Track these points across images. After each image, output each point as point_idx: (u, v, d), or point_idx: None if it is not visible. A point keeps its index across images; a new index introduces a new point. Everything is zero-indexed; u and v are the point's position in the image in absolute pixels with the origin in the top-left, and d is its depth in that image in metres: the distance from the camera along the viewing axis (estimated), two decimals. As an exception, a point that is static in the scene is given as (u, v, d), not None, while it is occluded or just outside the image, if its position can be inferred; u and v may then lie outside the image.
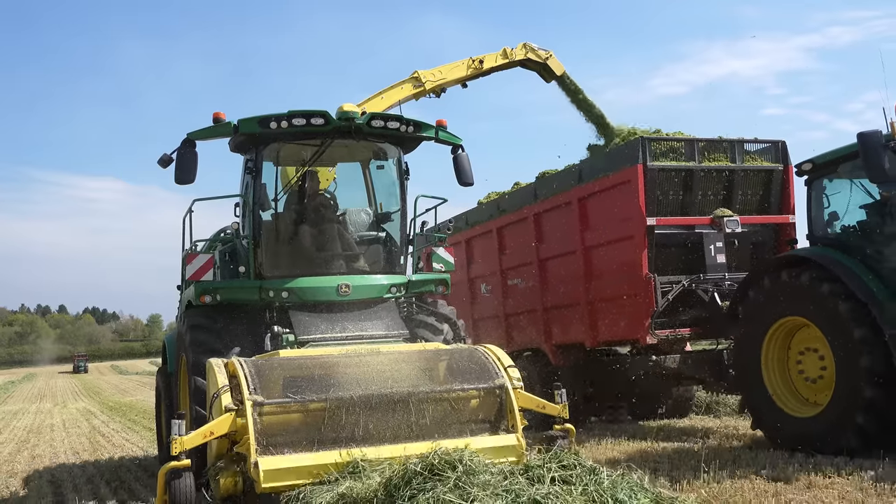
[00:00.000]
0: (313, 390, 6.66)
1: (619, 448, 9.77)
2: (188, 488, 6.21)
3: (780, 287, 8.69)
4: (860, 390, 7.76)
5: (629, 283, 10.57)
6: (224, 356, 7.50)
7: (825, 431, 8.12)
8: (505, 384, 7.08)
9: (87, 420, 22.09)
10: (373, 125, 8.58)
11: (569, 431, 7.34)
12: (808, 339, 8.65)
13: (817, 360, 8.56)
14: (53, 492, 9.85)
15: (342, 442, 6.46)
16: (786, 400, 8.80)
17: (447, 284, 9.39)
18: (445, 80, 12.76)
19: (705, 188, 10.79)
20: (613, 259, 10.95)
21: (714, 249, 10.68)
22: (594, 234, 11.28)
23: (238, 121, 8.42)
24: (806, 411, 8.60)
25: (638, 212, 10.33)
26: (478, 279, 14.36)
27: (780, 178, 11.10)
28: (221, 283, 8.74)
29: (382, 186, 9.76)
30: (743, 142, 11.01)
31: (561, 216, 11.89)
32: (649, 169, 10.37)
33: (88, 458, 13.15)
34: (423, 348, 7.79)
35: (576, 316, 11.73)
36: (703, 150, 10.79)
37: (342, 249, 9.01)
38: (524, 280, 12.98)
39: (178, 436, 6.26)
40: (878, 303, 7.83)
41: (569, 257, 11.78)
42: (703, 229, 10.67)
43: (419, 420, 6.71)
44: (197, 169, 8.33)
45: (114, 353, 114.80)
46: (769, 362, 8.94)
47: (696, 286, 10.49)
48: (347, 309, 8.52)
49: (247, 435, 6.28)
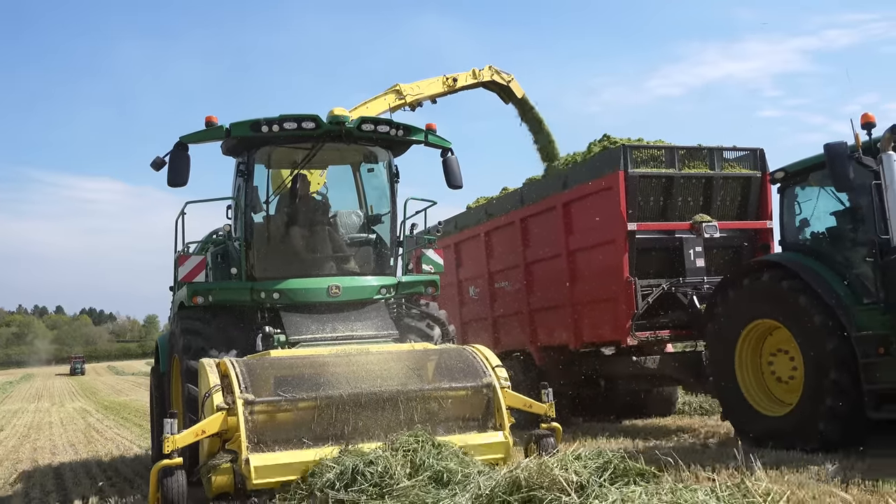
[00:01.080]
0: (303, 389, 6.75)
1: (597, 445, 10.00)
2: (180, 486, 6.27)
3: (754, 291, 8.96)
4: (827, 391, 8.02)
5: (611, 286, 10.83)
6: (217, 357, 7.56)
7: (794, 429, 8.38)
8: (493, 383, 7.22)
9: (83, 418, 22.79)
10: (363, 129, 8.68)
11: (555, 430, 7.48)
12: (780, 341, 8.92)
13: (788, 361, 8.82)
14: (55, 478, 10.68)
15: (332, 439, 6.56)
16: (758, 398, 9.06)
17: (437, 286, 9.49)
18: (423, 94, 13.18)
19: (685, 194, 11.05)
20: (596, 263, 11.20)
21: (693, 254, 10.94)
22: (578, 238, 11.55)
23: (230, 125, 8.50)
24: (777, 410, 8.86)
25: (619, 217, 10.59)
26: (466, 282, 14.64)
27: (757, 184, 11.36)
28: (214, 285, 8.79)
29: (373, 189, 9.83)
30: (722, 149, 11.28)
31: (546, 221, 12.16)
32: (630, 176, 10.62)
33: (83, 450, 14.08)
34: (412, 348, 7.89)
35: (560, 318, 11.99)
36: (683, 157, 11.05)
37: (333, 251, 9.10)
38: (511, 283, 13.25)
39: (171, 434, 6.32)
40: (844, 307, 8.09)
41: (554, 261, 12.05)
42: (682, 234, 10.94)
43: (408, 418, 6.80)
44: (189, 172, 8.41)
45: (110, 353, 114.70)
46: (743, 362, 9.20)
47: (676, 289, 10.75)
48: (338, 310, 8.59)
49: (238, 433, 6.38)
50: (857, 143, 7.88)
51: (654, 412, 12.98)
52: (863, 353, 7.84)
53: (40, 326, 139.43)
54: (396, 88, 12.81)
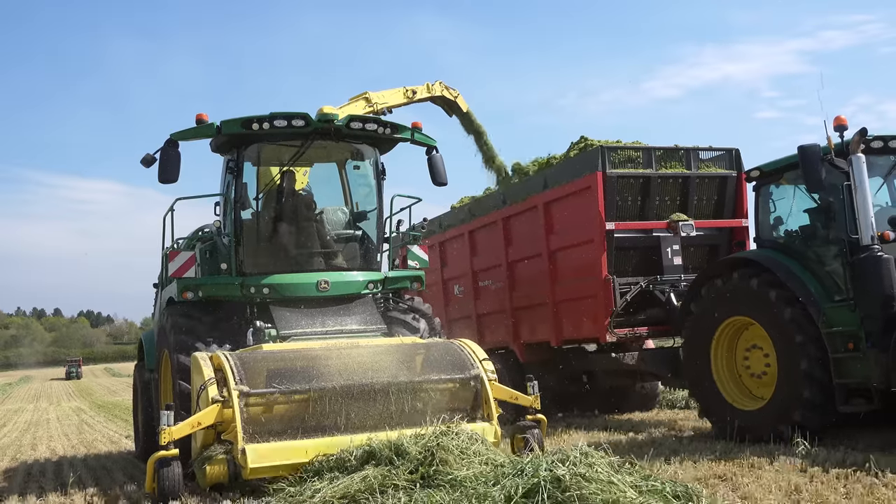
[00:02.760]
0: (297, 381, 6.85)
1: (577, 438, 10.00)
2: (176, 476, 6.39)
3: (728, 288, 8.98)
4: (799, 387, 8.05)
5: (590, 284, 10.86)
6: (207, 349, 7.67)
7: (767, 423, 8.42)
8: (480, 375, 7.36)
9: (77, 415, 24.23)
10: (352, 127, 8.77)
11: (540, 421, 7.65)
12: (753, 337, 8.95)
13: (762, 356, 8.85)
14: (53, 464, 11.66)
15: (325, 430, 6.68)
16: (733, 393, 9.09)
17: (422, 281, 9.58)
18: (388, 104, 13.58)
19: (662, 194, 11.08)
20: (575, 262, 11.23)
21: (671, 252, 10.98)
22: (558, 237, 11.57)
23: (221, 122, 8.55)
24: (751, 404, 8.90)
25: (598, 216, 10.61)
26: (451, 280, 14.63)
27: (733, 184, 11.40)
28: (204, 280, 8.83)
29: (359, 186, 9.91)
30: (698, 150, 11.32)
31: (528, 221, 12.18)
32: (608, 176, 10.65)
33: (76, 440, 15.61)
34: (402, 342, 7.99)
35: (541, 316, 12.01)
36: (660, 158, 11.08)
37: (320, 247, 9.16)
38: (494, 281, 13.27)
39: (168, 426, 6.42)
40: (816, 304, 8.13)
41: (535, 260, 12.07)
42: (660, 233, 10.97)
43: (399, 409, 6.93)
44: (180, 168, 8.45)
45: (107, 355, 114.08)
46: (718, 358, 9.23)
47: (654, 287, 10.77)
48: (327, 304, 8.67)
49: (233, 424, 6.46)
50: (829, 145, 7.93)
51: (636, 407, 12.98)
52: (833, 349, 7.91)
53: (38, 329, 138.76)
54: (366, 96, 13.15)
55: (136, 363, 11.37)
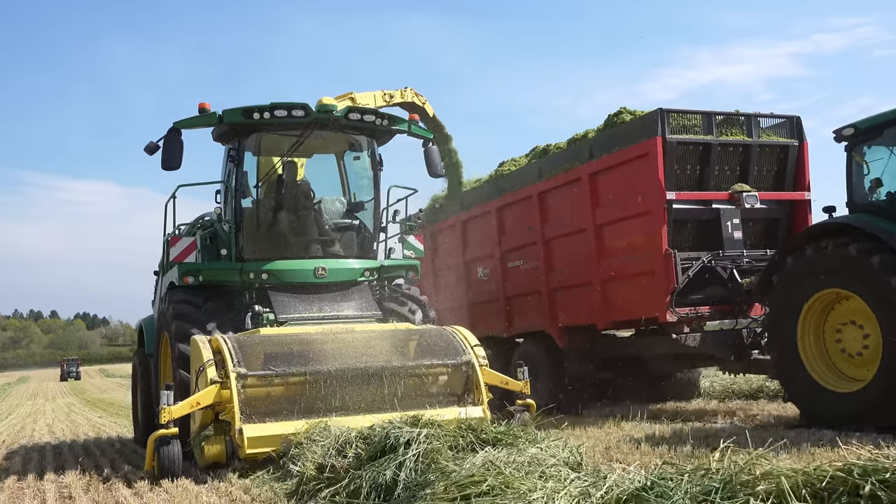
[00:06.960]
0: (293, 364, 6.90)
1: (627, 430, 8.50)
2: (175, 454, 6.47)
3: (820, 258, 7.58)
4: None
5: (647, 259, 9.49)
6: (206, 332, 7.62)
7: (869, 407, 7.13)
8: (472, 360, 7.33)
9: (69, 408, 25.85)
10: (350, 118, 8.71)
11: (529, 406, 7.64)
12: (848, 311, 7.62)
13: (859, 333, 7.43)
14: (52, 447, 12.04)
15: (320, 412, 6.69)
16: (825, 376, 7.69)
17: (417, 270, 9.61)
18: (369, 104, 13.29)
19: (722, 163, 9.76)
20: (628, 236, 9.88)
21: (731, 226, 9.65)
22: (606, 210, 10.16)
23: (223, 111, 8.47)
24: (846, 387, 7.57)
25: (657, 185, 9.25)
26: (474, 262, 13.05)
27: (795, 153, 10.09)
28: (204, 265, 8.76)
29: (357, 176, 9.81)
30: (759, 116, 9.99)
31: (569, 194, 10.75)
32: (668, 142, 9.31)
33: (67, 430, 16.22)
34: (396, 328, 8.06)
35: (585, 296, 10.54)
36: (720, 124, 9.68)
37: (318, 235, 9.12)
38: (526, 262, 11.77)
39: (167, 405, 6.46)
40: None
41: (578, 236, 10.63)
42: (720, 205, 9.59)
43: (392, 392, 6.93)
44: (182, 156, 8.40)
45: (102, 357, 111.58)
46: (805, 336, 7.88)
47: (716, 263, 9.35)
48: (324, 290, 8.66)
49: (231, 405, 6.44)
50: None
51: (676, 397, 11.51)
52: None
53: (36, 331, 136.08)
54: (351, 96, 12.79)
55: (136, 349, 11.20)
